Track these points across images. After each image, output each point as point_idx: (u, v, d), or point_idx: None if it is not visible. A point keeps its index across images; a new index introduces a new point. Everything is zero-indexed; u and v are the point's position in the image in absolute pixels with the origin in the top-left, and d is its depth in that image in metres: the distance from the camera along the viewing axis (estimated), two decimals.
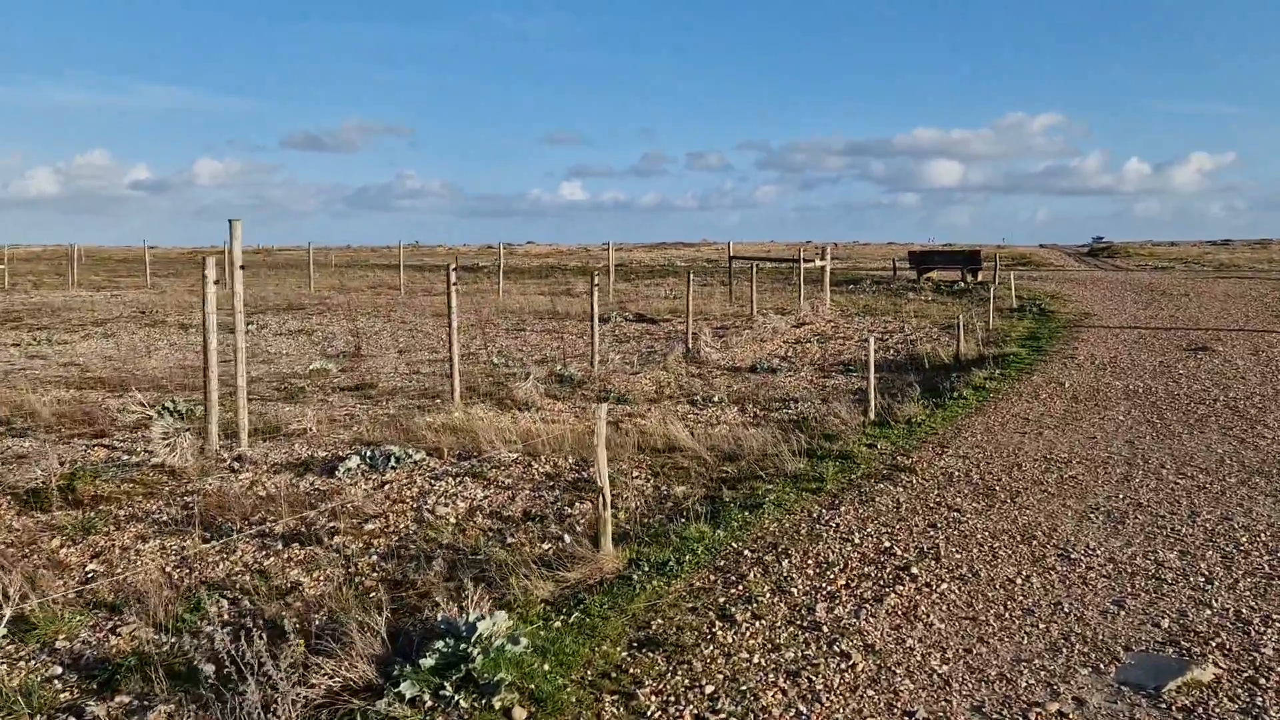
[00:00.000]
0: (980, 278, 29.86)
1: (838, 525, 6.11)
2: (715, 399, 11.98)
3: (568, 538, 5.92)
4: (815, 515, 6.33)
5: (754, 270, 20.59)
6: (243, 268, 8.23)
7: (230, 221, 8.02)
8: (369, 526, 6.11)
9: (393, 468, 7.62)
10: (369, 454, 7.78)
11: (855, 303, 25.22)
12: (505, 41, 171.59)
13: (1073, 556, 5.49)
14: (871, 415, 9.76)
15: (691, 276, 20.01)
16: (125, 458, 8.04)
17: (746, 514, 6.31)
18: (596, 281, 13.67)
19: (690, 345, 16.67)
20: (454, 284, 10.86)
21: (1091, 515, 6.28)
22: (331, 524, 6.13)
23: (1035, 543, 5.74)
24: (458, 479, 7.40)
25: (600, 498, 5.28)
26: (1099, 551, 5.57)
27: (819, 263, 23.69)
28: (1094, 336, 16.65)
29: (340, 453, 8.23)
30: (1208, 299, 23.61)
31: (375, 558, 5.65)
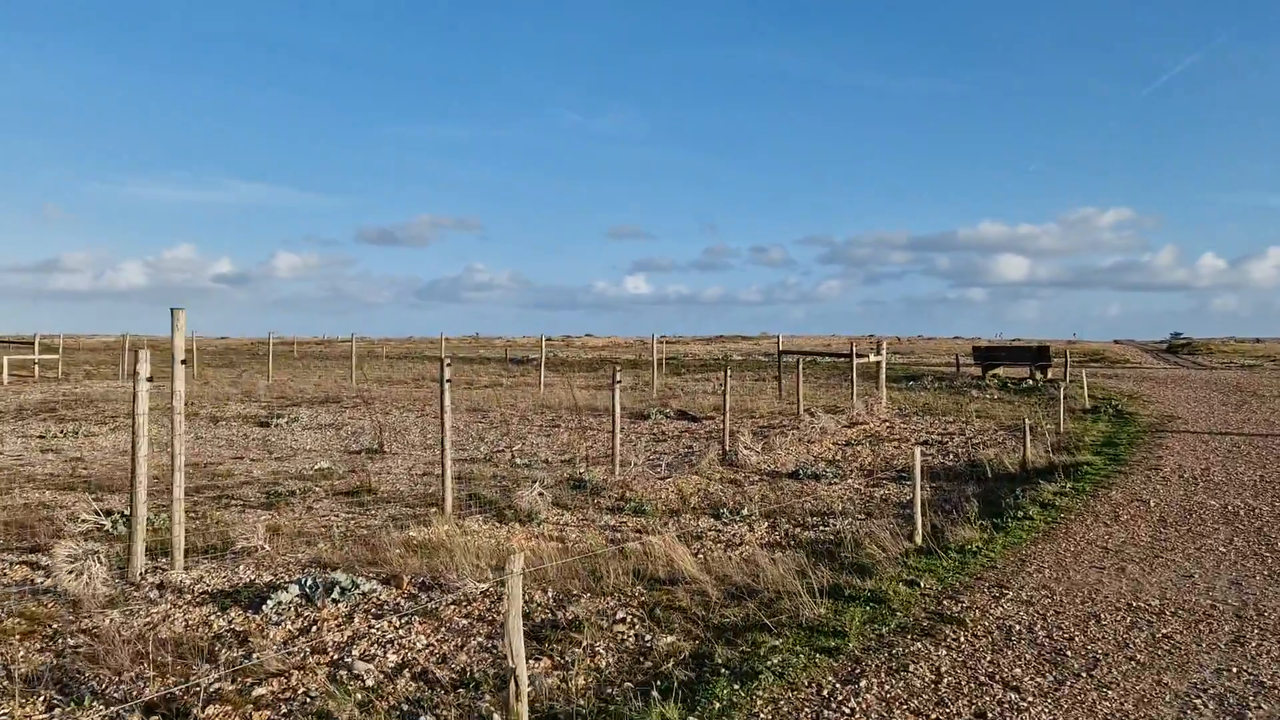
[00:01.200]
0: (1050, 375, 28.05)
1: (852, 712, 4.68)
2: (744, 512, 10.61)
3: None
4: (826, 693, 4.89)
5: (799, 365, 19.26)
6: (184, 362, 7.22)
7: (172, 310, 7.07)
8: (259, 691, 4.86)
9: (335, 600, 6.41)
10: (310, 583, 6.59)
11: (914, 401, 23.64)
12: (572, 138, 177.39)
13: None
14: (917, 540, 8.31)
15: (729, 372, 18.82)
16: (42, 581, 6.98)
17: (736, 687, 4.90)
18: (618, 377, 12.51)
19: (727, 447, 15.34)
20: (448, 380, 9.78)
21: (1198, 703, 4.76)
22: (218, 685, 4.91)
23: None
24: (404, 619, 6.15)
25: (513, 683, 3.98)
26: None
27: (873, 357, 22.26)
28: (1180, 444, 14.88)
29: (285, 578, 7.06)
30: None
31: None
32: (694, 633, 5.95)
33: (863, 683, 4.99)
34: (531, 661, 5.39)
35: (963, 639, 5.75)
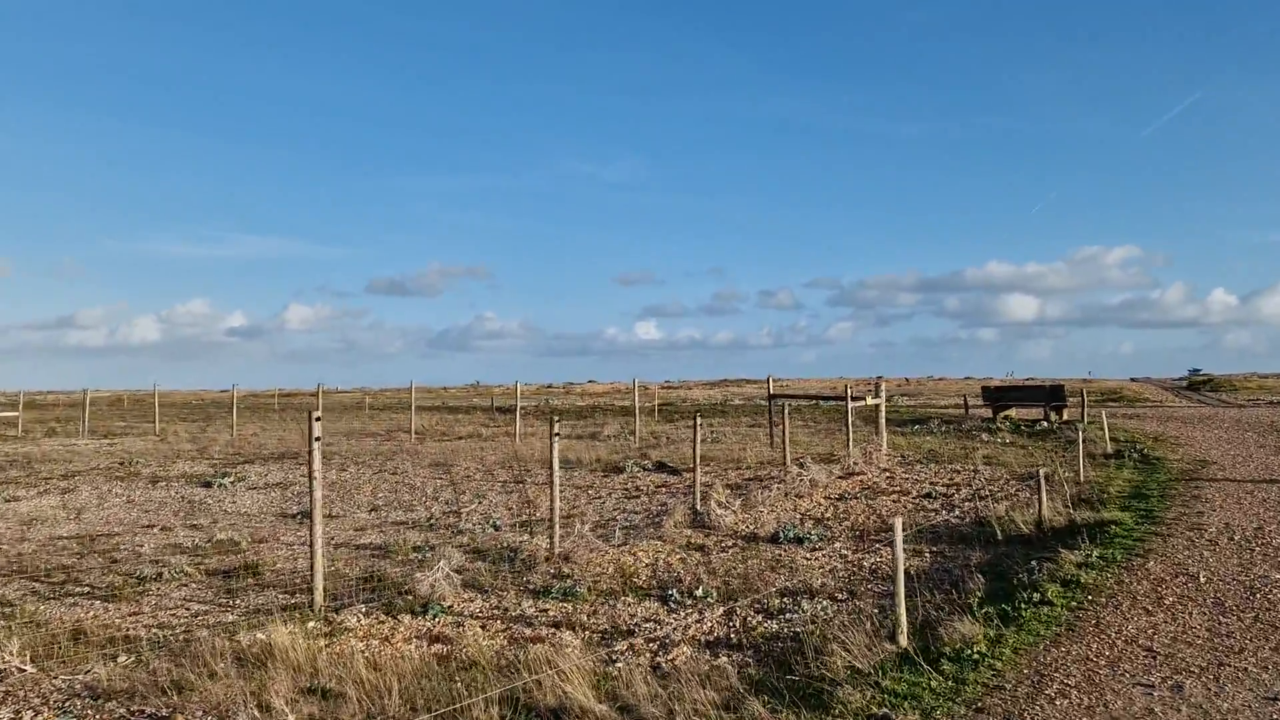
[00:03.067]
0: (1066, 416, 25.99)
1: None
2: (698, 593, 8.66)
3: None
4: None
5: (785, 410, 17.29)
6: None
7: None
8: None
9: None
10: None
11: (919, 446, 21.61)
12: (580, 187, 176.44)
13: None
14: (901, 640, 6.34)
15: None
16: None
17: None
18: (557, 429, 10.62)
19: (698, 506, 13.38)
20: (316, 436, 7.91)
21: None
22: None
23: None
24: None
25: None
26: None
27: (871, 400, 20.30)
28: (1221, 495, 12.85)
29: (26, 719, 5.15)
30: None
31: None
32: None
33: None
34: None
35: None
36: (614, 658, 6.55)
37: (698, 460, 13.69)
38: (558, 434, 10.52)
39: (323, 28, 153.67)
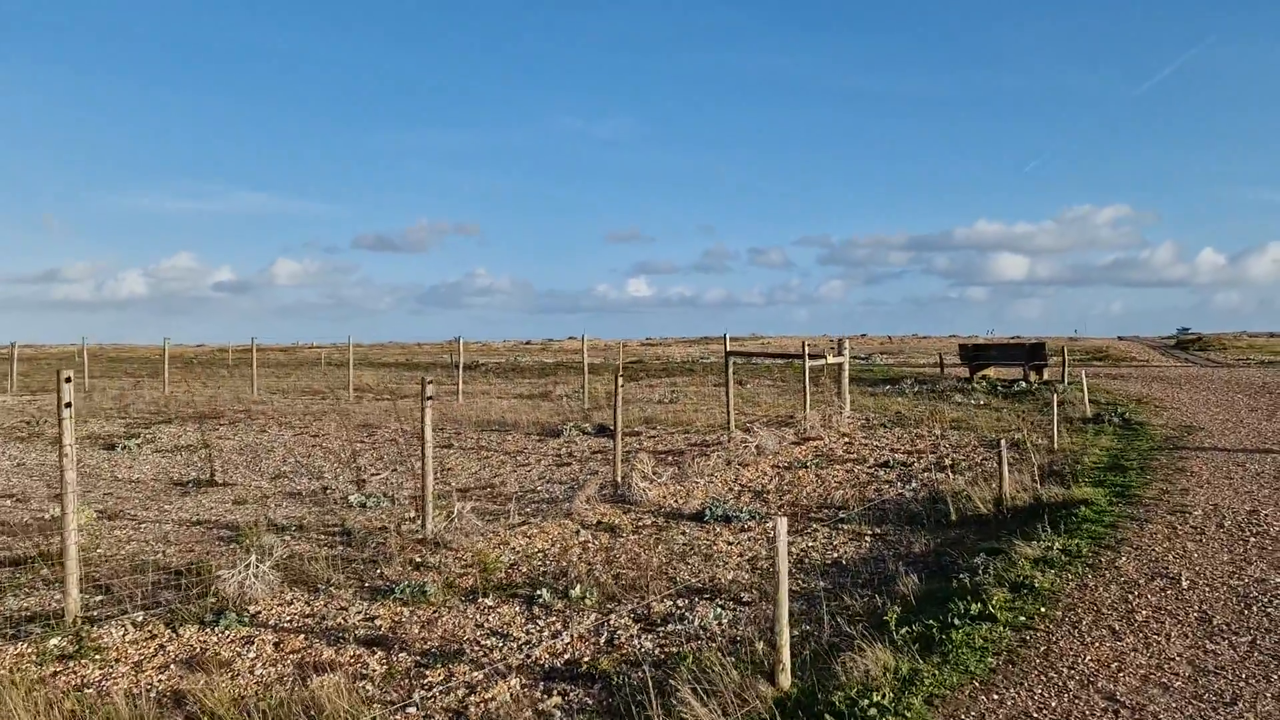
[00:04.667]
0: (1047, 376, 24.48)
1: None
2: (575, 592, 7.10)
3: None
4: None
5: (729, 369, 15.67)
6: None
7: None
8: None
9: None
10: None
11: (888, 408, 20.09)
12: (571, 143, 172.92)
13: None
14: (781, 680, 4.77)
15: (622, 372, 15.33)
16: None
17: None
18: (430, 381, 8.96)
19: (619, 477, 11.82)
20: (66, 403, 6.27)
21: None
22: None
23: None
24: None
25: None
26: None
27: (832, 359, 18.69)
28: (1208, 467, 11.33)
29: None
30: None
31: None
32: None
33: None
34: None
35: None
36: (410, 699, 4.98)
37: (618, 424, 12.09)
38: (431, 397, 8.87)
39: None
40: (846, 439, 15.91)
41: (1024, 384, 23.06)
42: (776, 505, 11.15)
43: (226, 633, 6.12)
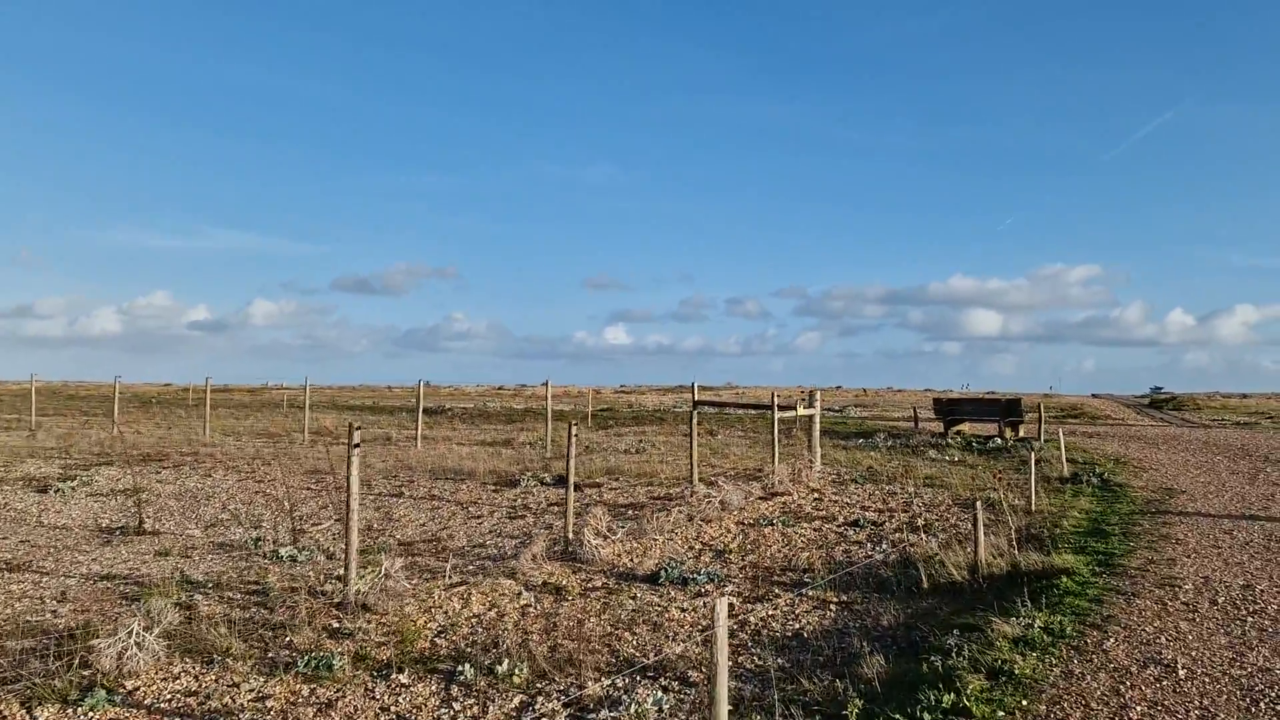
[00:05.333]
0: (1022, 432, 23.97)
1: None
2: (502, 668, 6.32)
3: None
4: None
5: (694, 419, 14.99)
6: None
7: None
8: None
9: None
10: None
11: (860, 463, 19.45)
12: (552, 189, 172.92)
13: None
14: None
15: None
16: None
17: None
18: (358, 439, 8.20)
19: (570, 533, 11.05)
20: None
21: None
22: None
23: None
24: None
25: None
26: None
27: (802, 410, 18.05)
28: (1194, 534, 10.72)
29: None
30: None
31: None
32: None
33: None
34: None
35: None
36: None
37: (571, 475, 11.34)
38: (358, 445, 8.12)
39: (294, 23, 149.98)
40: (816, 495, 15.23)
41: (999, 440, 22.52)
42: (739, 566, 10.42)
43: (91, 714, 5.29)
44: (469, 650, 6.93)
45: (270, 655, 6.70)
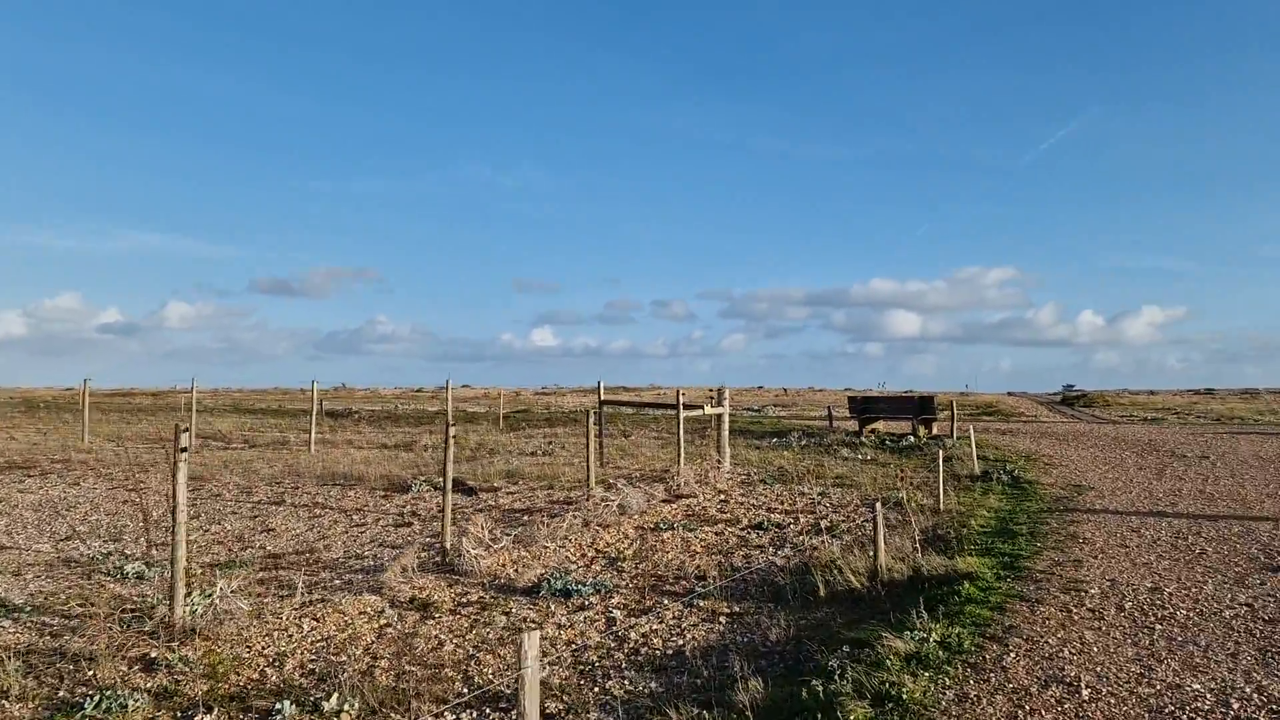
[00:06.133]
0: (936, 430, 23.79)
1: None
2: (330, 704, 5.46)
3: None
4: None
5: (589, 418, 14.22)
6: None
7: None
8: None
9: None
10: None
11: (771, 463, 18.91)
12: (478, 191, 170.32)
13: None
14: None
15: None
16: None
17: None
18: (184, 443, 7.20)
19: (448, 543, 10.18)
20: None
21: None
22: None
23: None
24: None
25: None
26: None
27: (710, 409, 17.42)
28: (1102, 533, 10.33)
29: None
30: (1236, 463, 17.48)
31: None
32: None
33: None
34: None
35: None
36: None
37: (448, 479, 10.48)
38: (185, 449, 7.14)
39: (210, 21, 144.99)
40: (723, 496, 14.61)
41: (913, 438, 22.26)
42: (631, 575, 9.69)
43: None
44: (300, 682, 6.05)
45: (61, 694, 5.73)
